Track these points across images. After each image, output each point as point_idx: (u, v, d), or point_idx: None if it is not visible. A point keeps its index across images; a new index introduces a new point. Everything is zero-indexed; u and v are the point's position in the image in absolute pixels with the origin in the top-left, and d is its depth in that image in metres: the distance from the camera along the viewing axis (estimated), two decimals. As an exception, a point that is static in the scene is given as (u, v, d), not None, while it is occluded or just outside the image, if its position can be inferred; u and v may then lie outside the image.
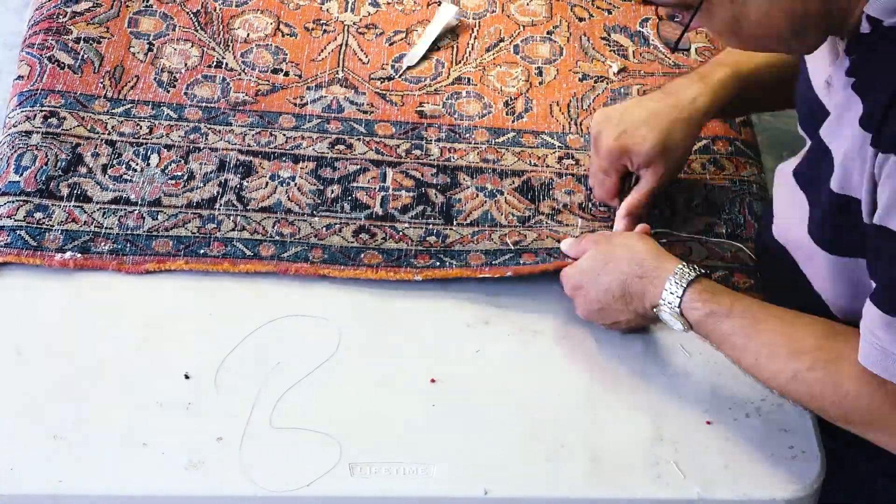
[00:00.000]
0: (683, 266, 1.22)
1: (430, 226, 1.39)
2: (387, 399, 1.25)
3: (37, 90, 1.50)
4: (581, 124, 1.52)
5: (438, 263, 1.35)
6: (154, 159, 1.44)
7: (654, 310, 1.23)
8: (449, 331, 1.31)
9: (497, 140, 1.50)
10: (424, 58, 1.59)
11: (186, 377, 1.25)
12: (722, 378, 1.28)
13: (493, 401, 1.25)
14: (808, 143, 1.27)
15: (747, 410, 1.25)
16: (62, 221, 1.36)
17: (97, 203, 1.39)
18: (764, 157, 2.64)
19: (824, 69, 1.20)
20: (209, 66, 1.56)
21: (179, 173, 1.43)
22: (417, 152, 1.47)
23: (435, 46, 1.60)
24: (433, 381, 1.25)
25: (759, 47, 1.21)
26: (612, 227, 1.38)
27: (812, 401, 1.17)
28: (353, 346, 1.28)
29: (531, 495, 1.19)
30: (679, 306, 1.21)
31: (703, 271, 1.22)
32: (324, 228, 1.38)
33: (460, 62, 1.59)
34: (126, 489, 1.17)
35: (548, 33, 1.64)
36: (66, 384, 1.24)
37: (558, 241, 1.36)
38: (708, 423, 1.24)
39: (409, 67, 1.55)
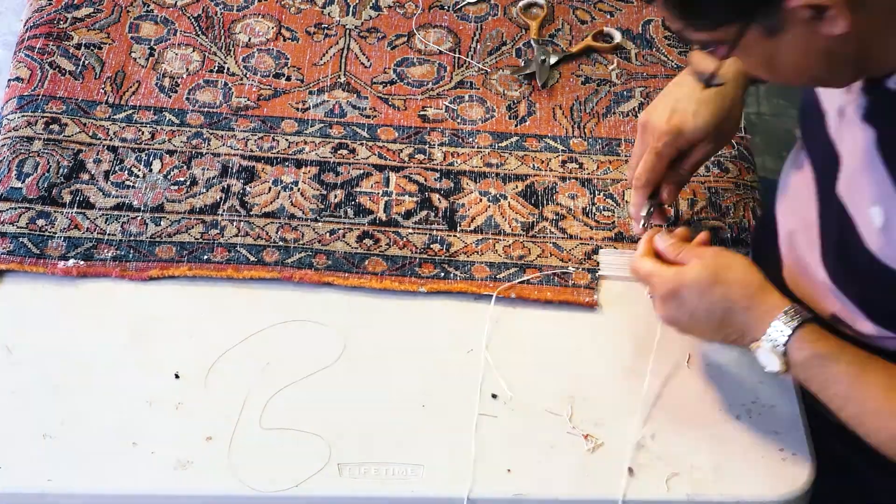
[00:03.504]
0: (793, 305, 1.18)
1: (435, 232, 1.39)
2: (376, 400, 1.25)
3: (38, 95, 1.49)
4: (584, 127, 1.52)
5: (443, 274, 1.35)
6: (156, 165, 1.43)
7: (752, 344, 1.18)
8: (439, 331, 1.31)
9: (500, 144, 1.49)
10: (427, 62, 1.59)
11: (176, 377, 1.25)
12: (713, 380, 1.28)
13: (482, 402, 1.25)
14: (801, 144, 1.28)
15: (738, 412, 1.26)
16: (65, 228, 1.36)
17: (100, 210, 1.38)
18: (763, 158, 2.65)
19: (837, 95, 1.18)
20: (211, 71, 1.55)
21: (182, 179, 1.42)
22: (420, 157, 1.47)
23: (437, 52, 1.60)
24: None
25: (793, 82, 1.17)
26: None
27: None
28: (342, 347, 1.29)
29: (521, 496, 1.19)
30: (785, 345, 1.16)
31: (811, 316, 1.18)
32: (327, 234, 1.38)
33: (462, 66, 1.59)
34: (115, 488, 1.17)
35: (550, 36, 1.63)
36: (56, 383, 1.24)
37: (562, 261, 1.37)
38: (699, 424, 1.24)
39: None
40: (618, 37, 1.63)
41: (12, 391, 1.23)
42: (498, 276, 1.35)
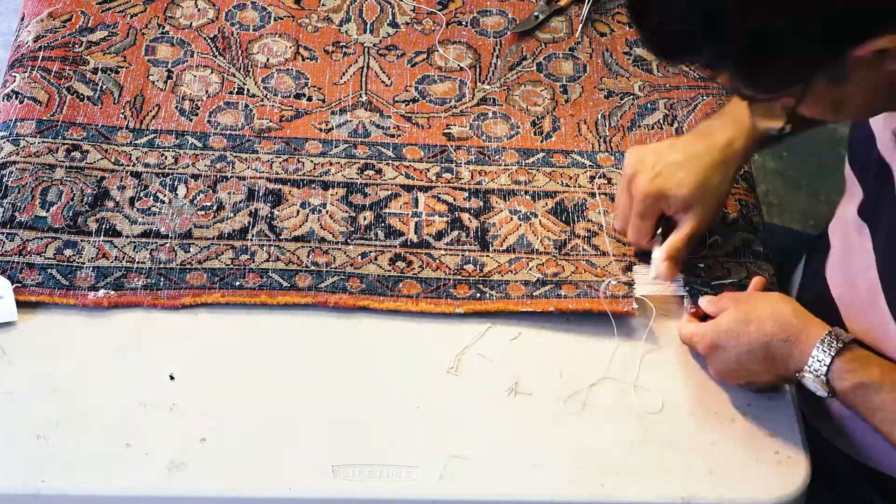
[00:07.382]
0: (831, 332, 1.18)
1: (467, 253, 1.37)
2: (371, 401, 1.25)
3: (57, 121, 1.47)
4: (610, 142, 1.51)
5: (479, 295, 1.33)
6: (182, 190, 1.42)
7: (798, 374, 1.19)
8: (434, 332, 1.31)
9: (527, 161, 1.48)
10: (448, 79, 1.57)
11: (171, 378, 1.25)
12: (709, 382, 1.28)
13: (477, 403, 1.25)
14: (856, 181, 1.27)
15: (733, 415, 1.25)
16: (93, 258, 1.34)
17: (127, 237, 1.36)
18: (764, 158, 2.65)
19: (890, 119, 1.17)
20: (230, 93, 1.54)
21: (208, 203, 1.41)
22: (448, 176, 1.46)
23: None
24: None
25: (858, 119, 1.18)
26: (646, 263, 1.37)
27: None
28: (336, 348, 1.29)
29: (514, 498, 1.19)
30: (826, 374, 1.16)
31: (851, 338, 1.18)
32: (359, 257, 1.36)
33: (484, 81, 1.57)
34: (109, 489, 1.17)
35: (570, 50, 1.62)
36: (51, 384, 1.24)
37: (597, 276, 1.35)
38: (694, 426, 1.24)
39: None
40: None
41: (6, 392, 1.23)
42: (534, 294, 1.34)
